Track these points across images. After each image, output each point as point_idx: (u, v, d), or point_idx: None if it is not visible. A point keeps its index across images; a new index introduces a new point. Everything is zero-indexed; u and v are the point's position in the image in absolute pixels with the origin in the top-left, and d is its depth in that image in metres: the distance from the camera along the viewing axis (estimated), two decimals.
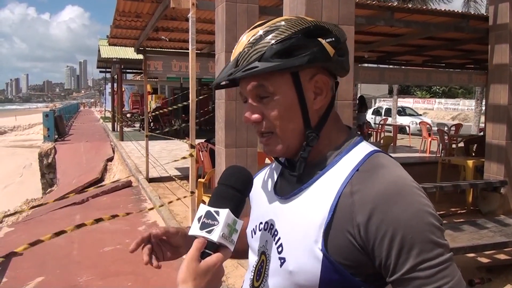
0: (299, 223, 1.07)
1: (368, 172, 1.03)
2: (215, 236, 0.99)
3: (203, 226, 1.01)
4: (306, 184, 1.10)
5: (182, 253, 1.26)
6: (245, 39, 1.09)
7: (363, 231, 0.97)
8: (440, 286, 0.93)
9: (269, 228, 1.16)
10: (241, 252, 1.35)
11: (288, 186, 1.17)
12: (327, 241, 1.00)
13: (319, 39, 1.06)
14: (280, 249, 1.10)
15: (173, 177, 9.51)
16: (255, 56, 1.05)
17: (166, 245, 1.26)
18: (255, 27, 1.10)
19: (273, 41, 1.04)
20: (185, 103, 7.82)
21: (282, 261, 1.08)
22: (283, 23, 1.07)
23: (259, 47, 1.05)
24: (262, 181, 1.32)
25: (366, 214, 0.97)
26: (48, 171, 16.76)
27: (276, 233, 1.13)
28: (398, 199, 0.97)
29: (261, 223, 1.21)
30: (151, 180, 10.05)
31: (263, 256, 1.17)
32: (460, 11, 8.51)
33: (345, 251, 1.00)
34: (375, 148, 1.12)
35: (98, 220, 5.22)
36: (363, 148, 1.11)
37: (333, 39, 1.08)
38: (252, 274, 1.21)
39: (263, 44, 1.05)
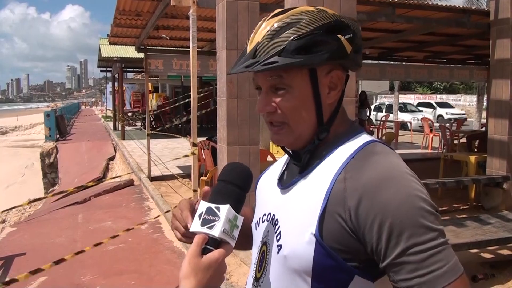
0: (296, 210, 1.08)
1: (362, 159, 1.04)
2: (216, 231, 0.99)
3: (204, 222, 1.01)
4: (304, 173, 1.12)
5: None
6: (263, 27, 1.08)
7: (354, 216, 0.98)
8: (433, 270, 0.92)
9: (271, 218, 1.18)
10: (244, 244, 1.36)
11: (290, 177, 1.19)
12: (321, 226, 1.01)
13: (339, 35, 1.06)
14: (278, 237, 1.11)
15: (175, 175, 9.51)
16: (275, 50, 1.04)
17: None
18: (275, 15, 1.09)
19: (294, 36, 1.04)
20: (186, 100, 7.83)
21: (279, 248, 1.10)
22: (305, 16, 1.06)
23: (280, 41, 1.04)
24: (267, 177, 1.34)
25: (356, 199, 0.98)
26: (50, 170, 16.78)
27: (277, 222, 1.14)
28: (388, 184, 0.97)
29: (264, 214, 1.23)
30: (153, 179, 10.06)
31: (264, 247, 1.18)
32: (461, 6, 8.46)
33: (338, 236, 1.00)
34: (374, 138, 1.13)
35: (97, 245, 5.24)
36: (362, 138, 1.12)
37: (351, 35, 1.08)
38: (255, 266, 1.22)
39: (283, 38, 1.04)
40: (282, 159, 1.34)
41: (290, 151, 1.22)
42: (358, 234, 0.98)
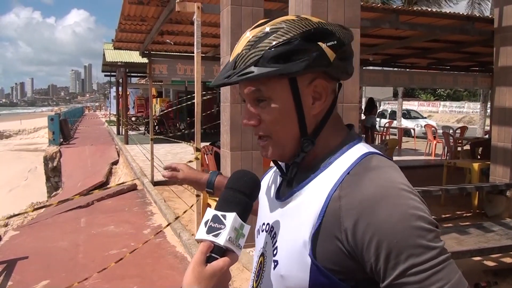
0: (291, 226, 1.06)
1: (357, 176, 1.00)
2: (221, 240, 0.98)
3: (210, 230, 1.00)
4: (299, 186, 1.09)
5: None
6: (244, 38, 1.06)
7: (351, 236, 0.95)
8: None
9: (270, 230, 1.16)
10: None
11: (286, 189, 1.16)
12: (315, 246, 0.99)
13: (319, 43, 1.02)
14: (275, 251, 1.10)
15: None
16: (252, 60, 1.02)
17: None
18: (257, 26, 1.07)
19: (270, 45, 1.01)
20: (189, 102, 7.83)
21: (275, 263, 1.08)
22: (283, 25, 1.03)
23: (257, 51, 1.02)
24: (268, 182, 1.32)
25: (352, 220, 0.95)
26: (53, 174, 16.81)
27: (274, 235, 1.13)
28: (384, 203, 0.94)
29: (263, 224, 1.22)
30: (156, 184, 10.05)
31: (262, 258, 1.17)
32: (465, 13, 8.47)
33: (334, 257, 0.98)
34: (372, 149, 1.08)
35: (120, 260, 5.22)
36: (358, 150, 1.08)
37: (335, 42, 1.04)
38: (254, 275, 1.22)
39: (260, 47, 1.02)
40: (282, 165, 1.29)
41: (282, 164, 1.21)
42: (356, 255, 0.96)
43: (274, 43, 1.01)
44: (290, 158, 1.12)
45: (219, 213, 1.02)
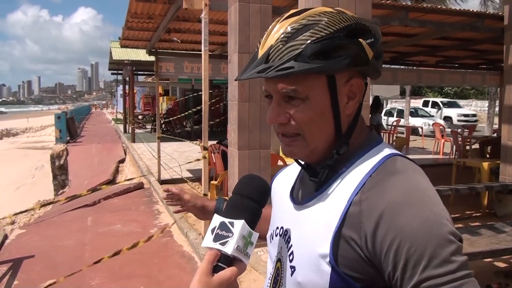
0: (309, 231, 1.02)
1: (380, 179, 0.96)
2: (229, 248, 0.94)
3: (217, 238, 0.96)
4: (320, 190, 1.05)
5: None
6: (276, 29, 0.99)
7: (370, 242, 0.91)
8: None
9: (284, 234, 1.12)
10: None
11: (305, 192, 1.12)
12: (335, 252, 0.95)
13: (360, 40, 0.98)
14: (291, 257, 1.05)
15: (185, 179, 9.48)
16: (290, 54, 0.95)
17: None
18: (290, 16, 1.01)
19: (311, 39, 0.94)
20: (198, 108, 7.78)
21: (292, 269, 1.04)
22: (324, 18, 0.97)
23: (296, 44, 0.95)
24: (281, 183, 1.27)
25: (372, 225, 0.91)
26: (60, 172, 16.82)
27: (289, 240, 1.08)
28: (406, 208, 0.89)
29: (277, 228, 1.17)
30: (163, 182, 10.03)
31: (279, 264, 1.13)
32: (475, 10, 8.38)
33: (354, 263, 0.93)
34: (394, 151, 1.04)
35: (116, 253, 5.19)
36: (381, 151, 1.03)
37: (373, 40, 1.00)
38: (270, 281, 1.17)
39: (300, 41, 0.95)
40: (294, 166, 1.26)
41: (304, 164, 1.15)
42: (374, 261, 0.91)
43: (315, 37, 0.95)
44: (318, 159, 1.07)
45: (226, 220, 0.97)
